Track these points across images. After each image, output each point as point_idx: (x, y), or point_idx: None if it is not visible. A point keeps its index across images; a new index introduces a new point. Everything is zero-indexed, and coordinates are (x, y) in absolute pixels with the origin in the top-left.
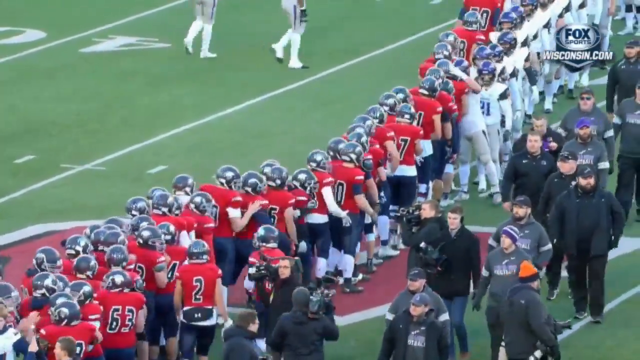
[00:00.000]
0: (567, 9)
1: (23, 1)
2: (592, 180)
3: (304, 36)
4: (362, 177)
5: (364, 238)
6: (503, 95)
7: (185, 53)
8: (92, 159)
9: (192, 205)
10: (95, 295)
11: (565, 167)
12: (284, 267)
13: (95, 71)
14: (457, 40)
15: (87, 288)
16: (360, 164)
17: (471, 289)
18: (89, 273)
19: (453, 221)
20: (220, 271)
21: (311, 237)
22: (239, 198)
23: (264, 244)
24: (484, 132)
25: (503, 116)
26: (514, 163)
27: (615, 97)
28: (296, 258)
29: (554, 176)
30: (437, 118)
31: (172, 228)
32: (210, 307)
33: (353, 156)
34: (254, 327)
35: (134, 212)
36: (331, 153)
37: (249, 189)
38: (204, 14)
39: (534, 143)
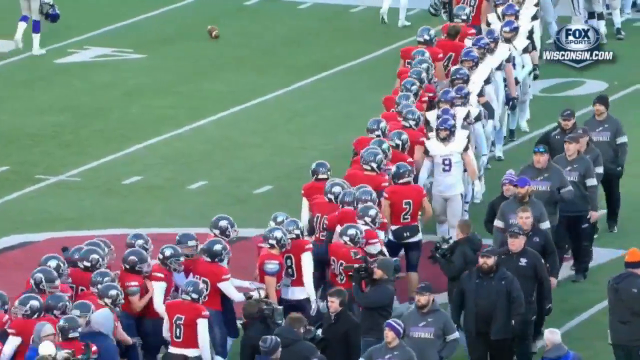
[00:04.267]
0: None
1: None
2: (489, 261)
3: (276, 47)
4: (387, 184)
5: None
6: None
7: (381, 22)
8: (67, 170)
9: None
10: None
11: (515, 244)
12: (331, 302)
13: (70, 82)
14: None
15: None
16: (381, 170)
17: None
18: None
19: (331, 304)
20: (425, 191)
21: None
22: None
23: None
24: (461, 194)
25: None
26: (507, 240)
27: None
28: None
29: (501, 253)
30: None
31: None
32: (415, 224)
33: (374, 165)
34: (302, 330)
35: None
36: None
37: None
38: None
39: (526, 220)
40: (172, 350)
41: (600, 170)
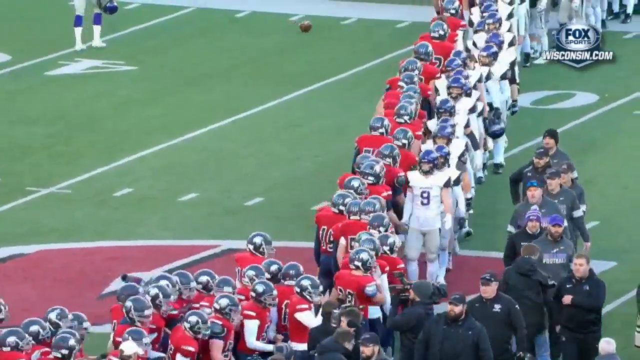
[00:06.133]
0: (488, 77)
1: None
2: (456, 309)
3: (267, 58)
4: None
5: None
6: (457, 181)
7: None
8: (57, 182)
9: None
10: None
11: (487, 291)
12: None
13: (61, 94)
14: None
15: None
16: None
17: None
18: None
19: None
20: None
21: None
22: None
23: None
24: (439, 229)
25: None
26: (559, 288)
27: None
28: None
29: (475, 301)
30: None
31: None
32: None
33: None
34: (349, 345)
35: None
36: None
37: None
38: None
39: (579, 267)
40: None
41: (583, 207)
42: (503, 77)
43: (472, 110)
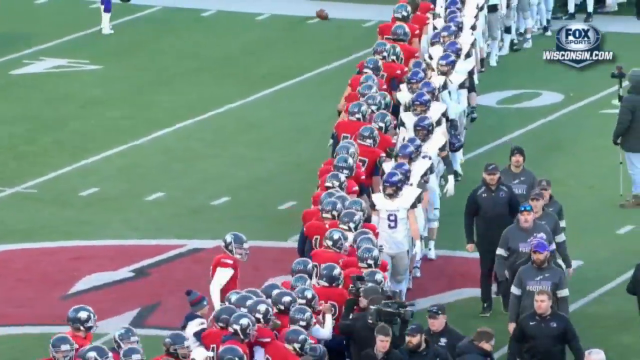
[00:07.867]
0: (445, 86)
1: None
2: (414, 339)
3: (233, 58)
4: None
5: None
6: (418, 199)
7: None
8: (23, 182)
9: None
10: None
11: (435, 324)
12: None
13: (25, 93)
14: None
15: None
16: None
17: None
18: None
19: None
20: None
21: None
22: None
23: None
24: (407, 251)
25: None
26: (522, 325)
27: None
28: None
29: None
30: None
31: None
32: None
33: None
34: (487, 346)
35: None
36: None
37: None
38: None
39: (540, 304)
40: None
41: (563, 223)
42: (461, 86)
43: (438, 122)
